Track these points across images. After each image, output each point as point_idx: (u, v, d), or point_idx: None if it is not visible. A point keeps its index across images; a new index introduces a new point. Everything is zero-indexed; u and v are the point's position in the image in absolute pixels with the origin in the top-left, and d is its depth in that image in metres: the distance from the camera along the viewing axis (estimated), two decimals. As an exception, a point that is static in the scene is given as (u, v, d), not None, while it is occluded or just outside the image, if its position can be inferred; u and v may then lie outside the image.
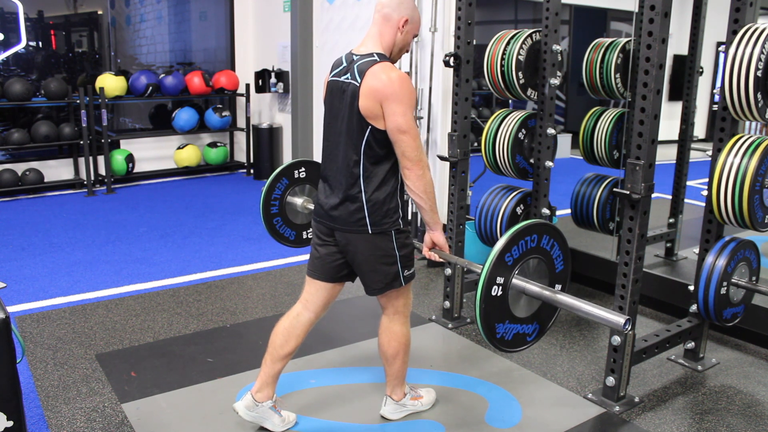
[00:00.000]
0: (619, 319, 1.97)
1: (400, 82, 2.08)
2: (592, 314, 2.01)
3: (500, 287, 1.99)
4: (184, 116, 7.06)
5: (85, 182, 6.34)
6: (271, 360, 2.39)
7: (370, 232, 2.18)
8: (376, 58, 2.15)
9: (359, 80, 2.11)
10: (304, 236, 2.94)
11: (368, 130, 2.13)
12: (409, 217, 5.00)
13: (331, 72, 2.27)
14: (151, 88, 6.67)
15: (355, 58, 2.19)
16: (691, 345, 3.03)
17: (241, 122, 7.67)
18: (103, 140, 6.36)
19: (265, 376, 2.40)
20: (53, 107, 6.82)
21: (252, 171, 7.42)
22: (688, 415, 2.66)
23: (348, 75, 2.17)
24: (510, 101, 6.81)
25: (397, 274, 2.27)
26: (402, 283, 2.30)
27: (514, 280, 2.02)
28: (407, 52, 2.31)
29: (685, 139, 4.22)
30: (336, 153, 2.23)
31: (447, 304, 3.50)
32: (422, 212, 2.25)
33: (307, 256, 2.49)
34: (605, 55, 3.61)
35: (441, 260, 2.40)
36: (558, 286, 2.16)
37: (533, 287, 2.03)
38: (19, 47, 6.60)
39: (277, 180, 2.74)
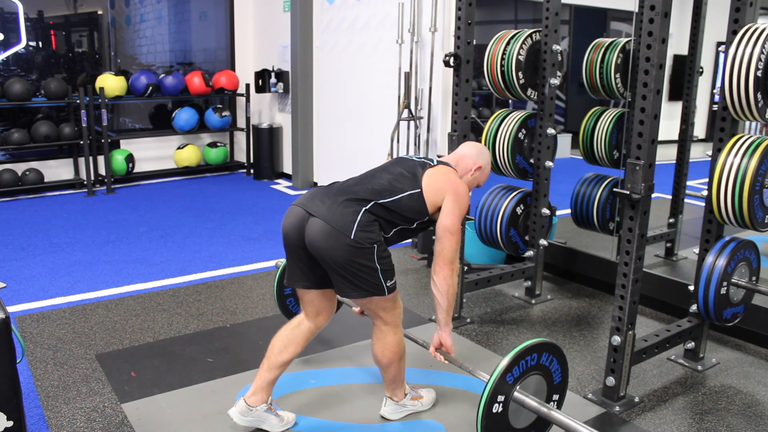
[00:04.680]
0: None
1: (464, 191, 2.38)
2: None
3: (501, 404, 2.09)
4: (184, 116, 7.06)
5: (85, 182, 6.35)
6: (268, 366, 2.39)
7: (351, 237, 2.14)
8: (454, 167, 2.47)
9: (435, 163, 2.40)
10: None
11: (418, 192, 2.29)
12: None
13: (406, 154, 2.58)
14: (151, 88, 6.68)
15: (436, 157, 2.53)
16: (691, 345, 3.03)
17: (241, 122, 7.68)
18: (103, 140, 6.36)
19: (261, 381, 2.40)
20: (53, 107, 6.83)
21: (252, 171, 7.42)
22: (688, 415, 2.66)
23: (425, 159, 2.44)
24: (510, 101, 6.80)
25: (380, 286, 2.24)
26: (385, 293, 2.27)
27: (515, 394, 2.12)
28: (468, 191, 2.52)
29: (685, 139, 4.22)
30: (373, 181, 2.32)
31: (447, 304, 3.50)
32: (438, 309, 2.35)
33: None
34: (605, 55, 3.61)
35: (446, 362, 2.45)
36: (556, 396, 2.29)
37: (532, 402, 2.12)
38: (19, 47, 6.61)
39: None
